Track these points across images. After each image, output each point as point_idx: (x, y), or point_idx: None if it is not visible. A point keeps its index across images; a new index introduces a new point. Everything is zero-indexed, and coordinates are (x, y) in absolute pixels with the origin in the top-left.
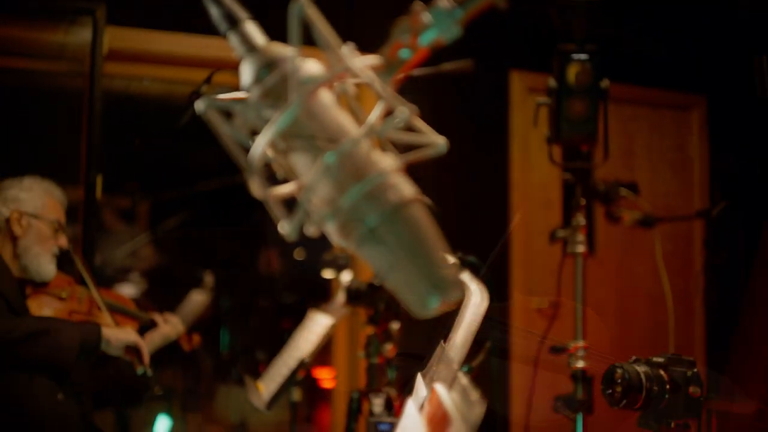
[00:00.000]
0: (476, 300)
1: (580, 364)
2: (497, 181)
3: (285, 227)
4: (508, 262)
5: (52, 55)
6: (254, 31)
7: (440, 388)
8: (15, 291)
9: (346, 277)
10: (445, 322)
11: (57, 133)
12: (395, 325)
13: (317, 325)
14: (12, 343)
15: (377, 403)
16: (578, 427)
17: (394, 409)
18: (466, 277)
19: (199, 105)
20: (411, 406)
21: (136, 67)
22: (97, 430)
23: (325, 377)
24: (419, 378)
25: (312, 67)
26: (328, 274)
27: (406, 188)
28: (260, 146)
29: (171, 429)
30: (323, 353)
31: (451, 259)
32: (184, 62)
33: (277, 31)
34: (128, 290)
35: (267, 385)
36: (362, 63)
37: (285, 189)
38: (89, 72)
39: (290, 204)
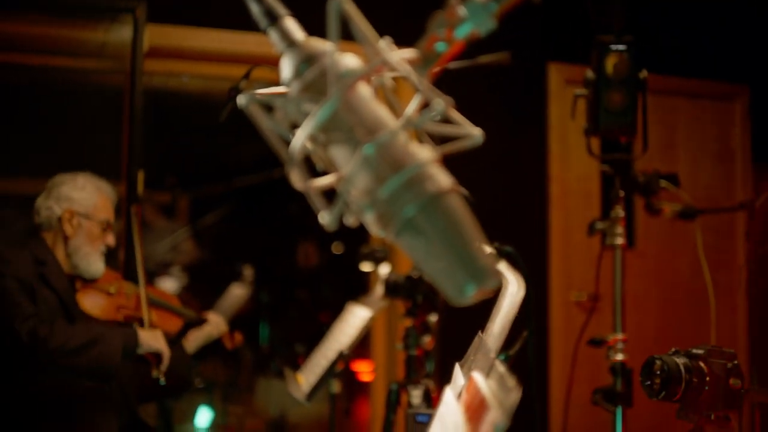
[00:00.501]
0: (513, 289)
1: (620, 356)
2: (535, 173)
3: (325, 218)
4: (547, 254)
5: (93, 53)
6: (294, 27)
7: (477, 376)
8: (67, 288)
9: (384, 269)
10: (483, 314)
11: (99, 129)
12: (433, 318)
13: (356, 318)
14: (66, 354)
15: (416, 395)
16: (618, 420)
17: (432, 400)
18: (503, 266)
19: (242, 100)
20: (449, 395)
21: (176, 64)
22: (140, 421)
23: (363, 370)
24: (457, 367)
25: (350, 61)
26: (366, 267)
27: (443, 179)
28: (300, 139)
29: (212, 421)
30: (362, 346)
31: (489, 249)
32: (223, 58)
33: (315, 27)
34: (169, 284)
35: (307, 377)
36: (399, 56)
37: (325, 180)
38: (130, 69)
39: (330, 195)
